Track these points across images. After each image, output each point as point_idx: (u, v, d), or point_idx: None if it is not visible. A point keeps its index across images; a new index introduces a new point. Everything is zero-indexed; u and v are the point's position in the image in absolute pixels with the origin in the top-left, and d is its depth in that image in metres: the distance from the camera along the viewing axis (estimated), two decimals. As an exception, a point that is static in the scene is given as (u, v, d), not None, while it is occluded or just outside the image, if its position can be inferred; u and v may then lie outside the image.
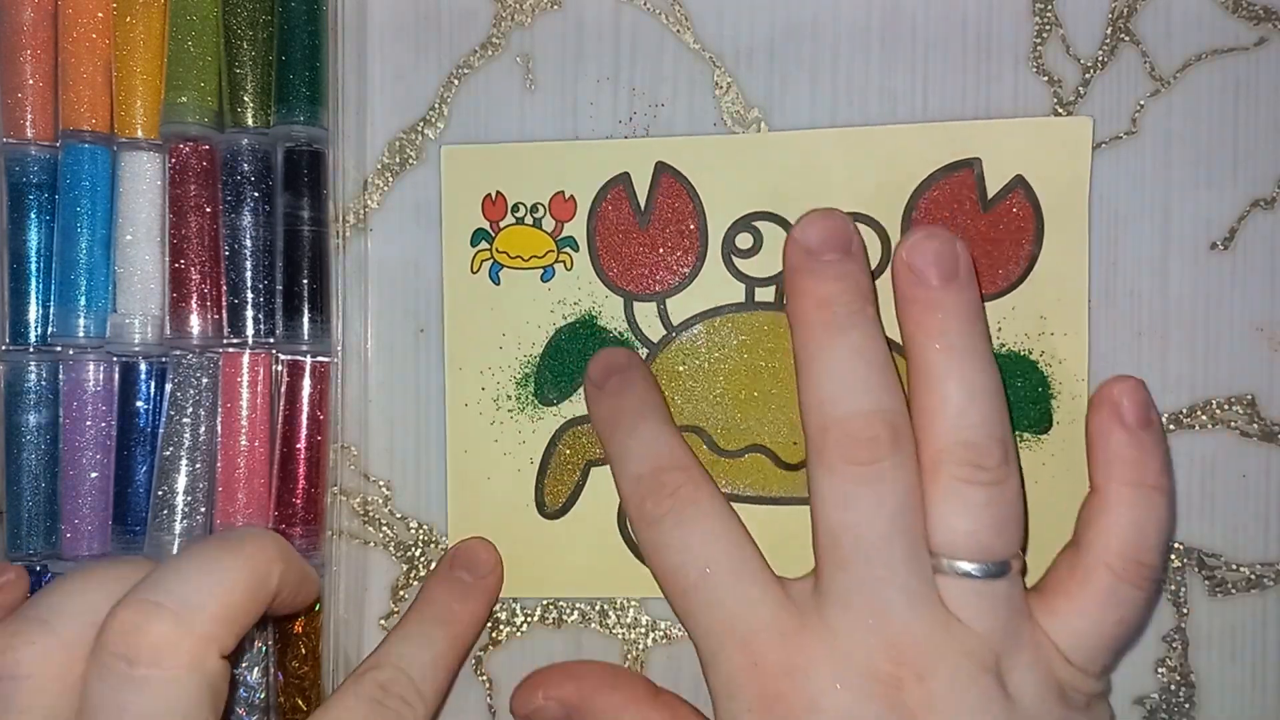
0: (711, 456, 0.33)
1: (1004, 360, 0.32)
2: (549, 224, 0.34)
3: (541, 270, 0.34)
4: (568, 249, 0.33)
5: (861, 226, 0.32)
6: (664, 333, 0.33)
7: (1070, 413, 0.32)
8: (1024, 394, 0.32)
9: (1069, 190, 0.32)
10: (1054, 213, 0.32)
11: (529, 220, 0.34)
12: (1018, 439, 0.32)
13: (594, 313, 0.34)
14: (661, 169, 0.33)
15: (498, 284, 0.34)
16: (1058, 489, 0.32)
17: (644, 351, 0.33)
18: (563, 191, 0.33)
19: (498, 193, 0.34)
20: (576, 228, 0.34)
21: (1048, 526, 0.31)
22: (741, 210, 0.33)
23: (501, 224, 0.34)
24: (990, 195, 0.32)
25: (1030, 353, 0.32)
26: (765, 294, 0.33)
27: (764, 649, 0.27)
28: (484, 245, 0.34)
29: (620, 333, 0.33)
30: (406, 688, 0.28)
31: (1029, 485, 0.32)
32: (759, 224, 0.33)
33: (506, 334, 0.34)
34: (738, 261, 0.33)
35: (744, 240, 0.33)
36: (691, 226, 0.33)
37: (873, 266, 0.32)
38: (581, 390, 0.33)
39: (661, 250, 0.33)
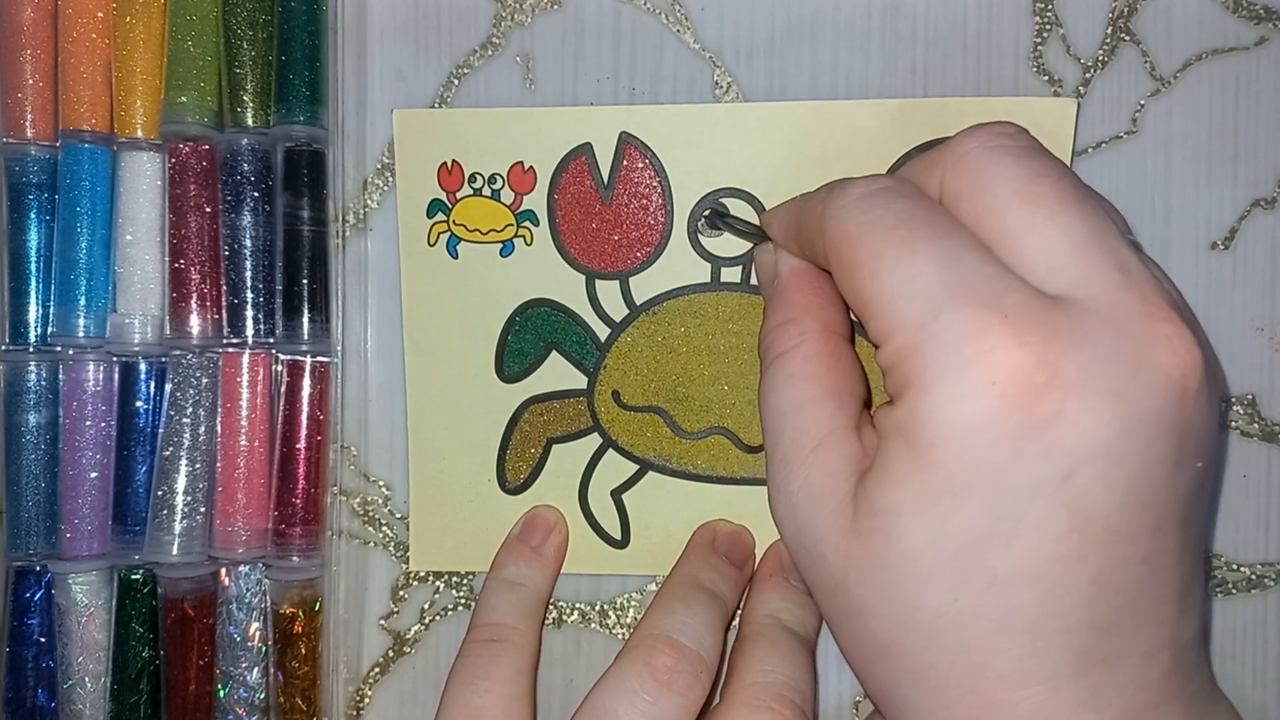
0: (673, 438, 0.33)
1: None
2: (508, 196, 0.33)
3: (500, 245, 0.33)
4: (527, 223, 0.33)
5: None
6: (627, 312, 0.33)
7: None
8: None
9: None
10: None
11: (487, 192, 0.33)
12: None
13: (555, 291, 0.33)
14: (625, 140, 0.32)
15: (456, 258, 0.33)
16: None
17: (606, 330, 0.33)
18: (521, 162, 0.33)
19: (453, 161, 0.33)
20: (536, 201, 0.33)
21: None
22: (709, 186, 0.32)
23: (458, 195, 0.33)
24: None
25: None
26: (731, 274, 0.33)
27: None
28: (440, 217, 0.33)
29: (582, 311, 0.33)
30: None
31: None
32: (728, 201, 0.32)
33: (466, 309, 0.33)
34: (704, 240, 0.33)
35: (711, 217, 0.33)
36: (657, 202, 0.33)
37: None
38: (543, 367, 0.33)
39: (625, 226, 0.33)
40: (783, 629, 0.29)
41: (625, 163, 0.33)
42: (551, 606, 0.34)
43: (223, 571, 0.33)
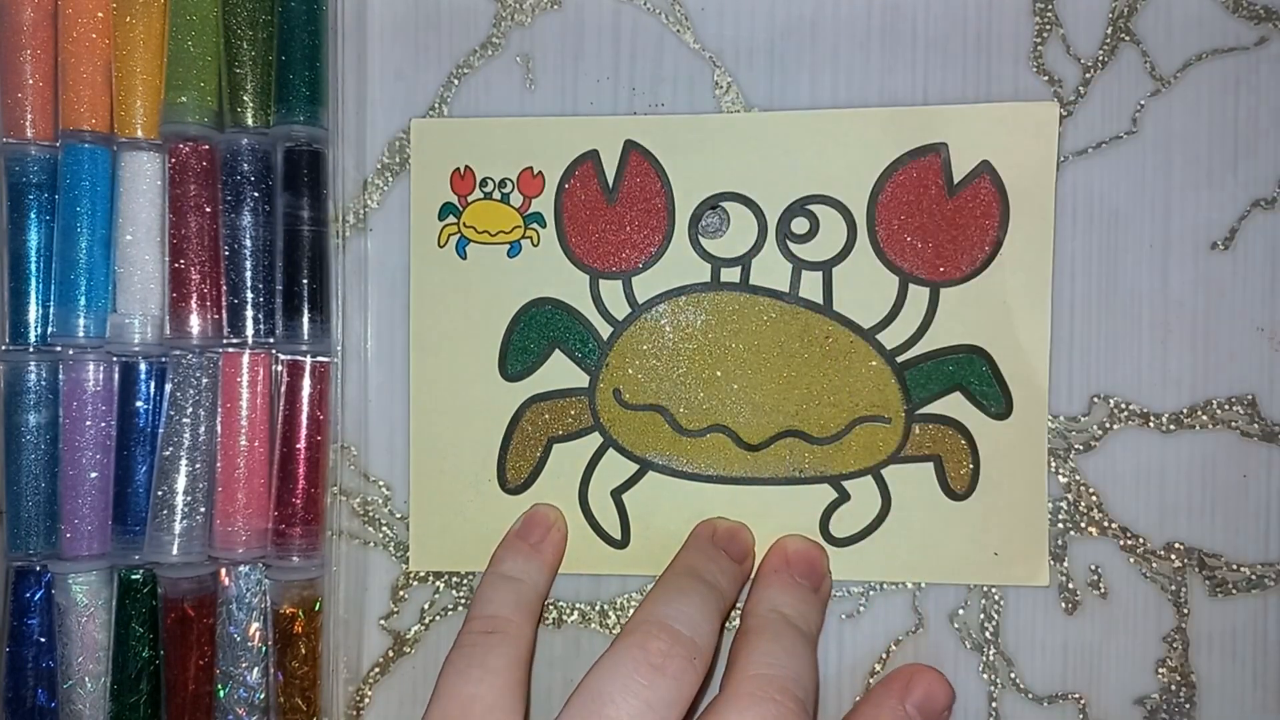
0: (673, 435, 0.33)
1: (965, 350, 0.32)
2: (517, 199, 0.34)
3: (508, 246, 0.34)
4: (535, 225, 0.34)
5: (827, 209, 0.33)
6: (629, 311, 0.33)
7: (1030, 398, 0.32)
8: (984, 382, 0.32)
9: (1035, 176, 0.32)
10: (1020, 198, 0.32)
11: (497, 195, 0.34)
12: (982, 424, 0.33)
13: (560, 290, 0.34)
14: (630, 147, 0.33)
15: (464, 258, 0.34)
16: (1015, 472, 0.32)
17: (609, 329, 0.33)
18: (531, 167, 0.34)
19: (466, 167, 0.34)
20: (544, 204, 0.34)
21: (1005, 507, 0.32)
22: (709, 190, 0.33)
23: (469, 198, 0.34)
24: (956, 180, 0.32)
25: (990, 341, 0.32)
26: (731, 274, 0.33)
27: None
28: (451, 219, 0.34)
29: (585, 310, 0.34)
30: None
31: (990, 466, 0.32)
32: (727, 204, 0.33)
33: (471, 308, 0.34)
34: (704, 241, 0.33)
35: (711, 220, 0.33)
36: (659, 205, 0.33)
37: (837, 250, 0.33)
38: (545, 366, 0.33)
39: (628, 228, 0.33)
40: (787, 623, 0.29)
41: (629, 168, 0.33)
42: (551, 606, 0.34)
43: (223, 571, 0.33)
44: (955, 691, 0.32)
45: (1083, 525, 0.33)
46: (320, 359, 0.33)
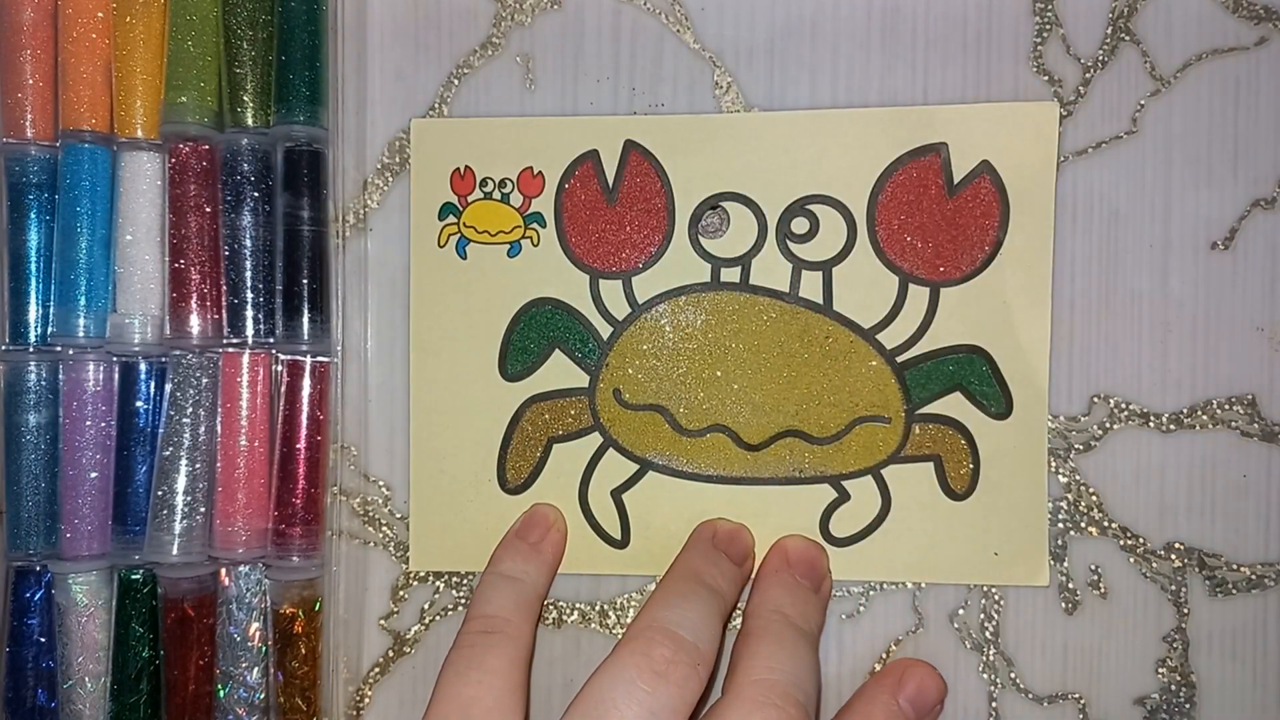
0: (673, 435, 0.33)
1: (965, 350, 0.32)
2: (517, 199, 0.34)
3: (508, 246, 0.34)
4: (535, 225, 0.34)
5: (827, 209, 0.33)
6: (629, 311, 0.33)
7: (1030, 398, 0.32)
8: (984, 381, 0.32)
9: (1035, 175, 0.32)
10: (1020, 198, 0.32)
11: (497, 195, 0.34)
12: (982, 424, 0.32)
13: (560, 290, 0.34)
14: (630, 147, 0.33)
15: (464, 258, 0.34)
16: (1015, 472, 0.32)
17: (609, 329, 0.33)
18: (531, 167, 0.34)
19: (466, 167, 0.34)
20: (544, 204, 0.34)
21: (1005, 506, 0.32)
22: (709, 190, 0.33)
23: (469, 198, 0.34)
24: (956, 180, 0.32)
25: (990, 341, 0.32)
26: (731, 274, 0.33)
27: None
28: (451, 219, 0.34)
29: (585, 310, 0.34)
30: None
31: (990, 466, 0.32)
32: (727, 204, 0.33)
33: (472, 308, 0.34)
34: (704, 241, 0.33)
35: (711, 220, 0.33)
36: (659, 205, 0.33)
37: (837, 250, 0.33)
38: (545, 366, 0.33)
39: (628, 228, 0.33)
40: (788, 625, 0.29)
41: (629, 168, 0.33)
42: (551, 606, 0.34)
43: (223, 571, 0.33)
44: (947, 685, 0.32)
45: (1083, 525, 0.33)
46: (320, 359, 0.33)
